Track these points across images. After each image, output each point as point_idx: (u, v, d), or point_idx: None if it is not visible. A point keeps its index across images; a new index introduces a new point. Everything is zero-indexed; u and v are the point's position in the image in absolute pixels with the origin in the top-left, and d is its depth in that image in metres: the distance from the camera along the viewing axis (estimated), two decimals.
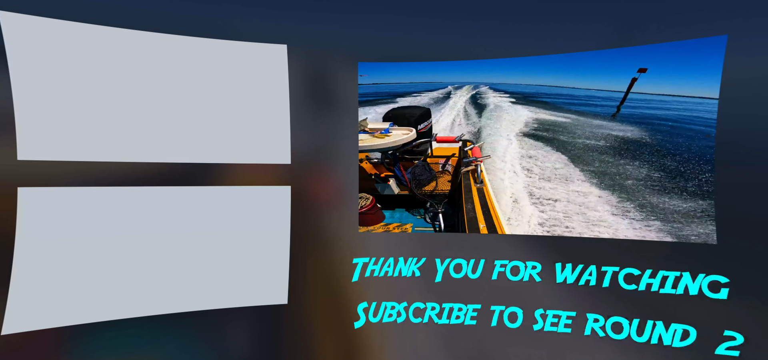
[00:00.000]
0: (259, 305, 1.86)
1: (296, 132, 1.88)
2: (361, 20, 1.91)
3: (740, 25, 1.49)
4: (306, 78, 1.88)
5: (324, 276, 1.93)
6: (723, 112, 1.51)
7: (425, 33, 1.92)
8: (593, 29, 1.76)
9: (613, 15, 1.73)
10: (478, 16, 1.89)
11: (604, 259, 1.72)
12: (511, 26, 1.88)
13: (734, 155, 1.53)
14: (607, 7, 1.74)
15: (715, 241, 1.56)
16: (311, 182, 1.92)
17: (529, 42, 1.86)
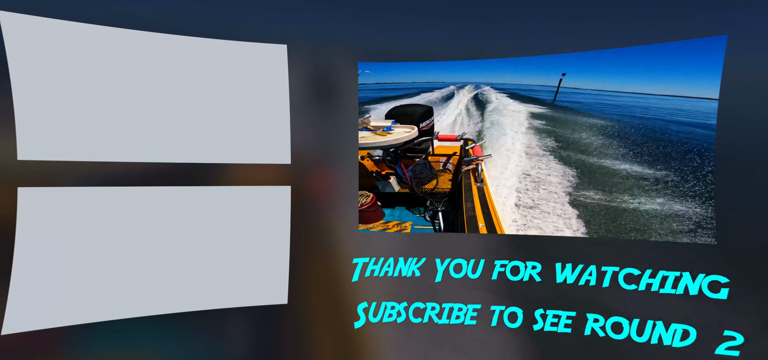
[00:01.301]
0: (259, 305, 1.86)
1: (296, 132, 1.88)
2: (361, 20, 1.91)
3: (740, 25, 1.49)
4: (306, 78, 1.88)
5: (324, 276, 1.93)
6: (723, 112, 1.51)
7: (425, 33, 1.92)
8: (594, 29, 1.76)
9: (614, 15, 1.73)
10: (479, 16, 1.89)
11: (604, 259, 1.72)
12: (511, 26, 1.88)
13: (734, 155, 1.53)
14: (607, 7, 1.74)
15: (715, 241, 1.56)
16: (311, 182, 1.92)
17: (529, 42, 1.86)
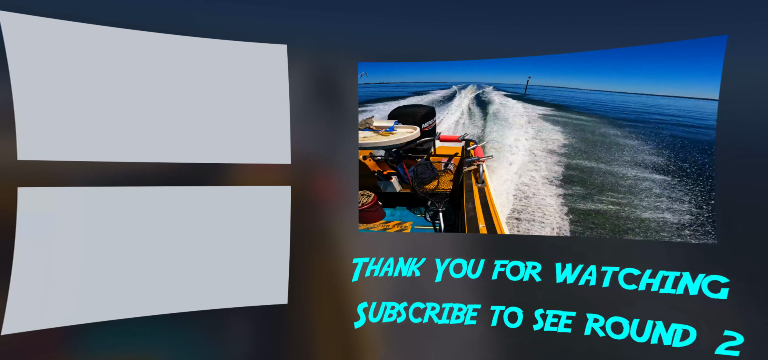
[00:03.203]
0: (259, 305, 1.86)
1: (296, 132, 1.88)
2: (361, 20, 1.91)
3: (740, 25, 1.49)
4: (306, 78, 1.88)
5: (324, 276, 1.93)
6: (723, 112, 1.51)
7: (425, 33, 1.92)
8: (594, 29, 1.76)
9: (614, 15, 1.73)
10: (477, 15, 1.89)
11: (604, 259, 1.72)
12: (510, 26, 1.88)
13: (734, 155, 1.53)
14: (608, 8, 1.74)
15: (715, 241, 1.56)
16: (311, 182, 1.92)
17: (529, 42, 1.86)
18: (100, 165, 1.68)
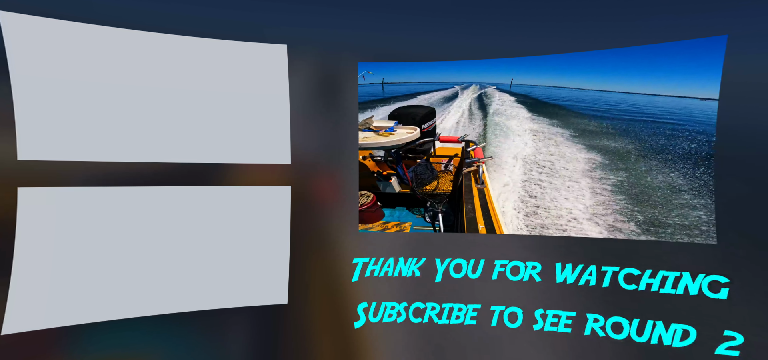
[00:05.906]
0: (259, 305, 1.86)
1: (296, 132, 1.88)
2: (361, 20, 1.91)
3: (740, 25, 1.49)
4: (306, 78, 1.88)
5: (324, 276, 1.93)
6: (723, 112, 1.51)
7: (425, 33, 1.92)
8: (594, 29, 1.76)
9: (615, 15, 1.73)
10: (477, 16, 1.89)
11: (604, 259, 1.72)
12: (510, 27, 1.88)
13: (734, 155, 1.53)
14: (608, 8, 1.74)
15: (715, 241, 1.56)
16: (311, 182, 1.92)
17: (529, 42, 1.86)
18: (100, 165, 1.68)
